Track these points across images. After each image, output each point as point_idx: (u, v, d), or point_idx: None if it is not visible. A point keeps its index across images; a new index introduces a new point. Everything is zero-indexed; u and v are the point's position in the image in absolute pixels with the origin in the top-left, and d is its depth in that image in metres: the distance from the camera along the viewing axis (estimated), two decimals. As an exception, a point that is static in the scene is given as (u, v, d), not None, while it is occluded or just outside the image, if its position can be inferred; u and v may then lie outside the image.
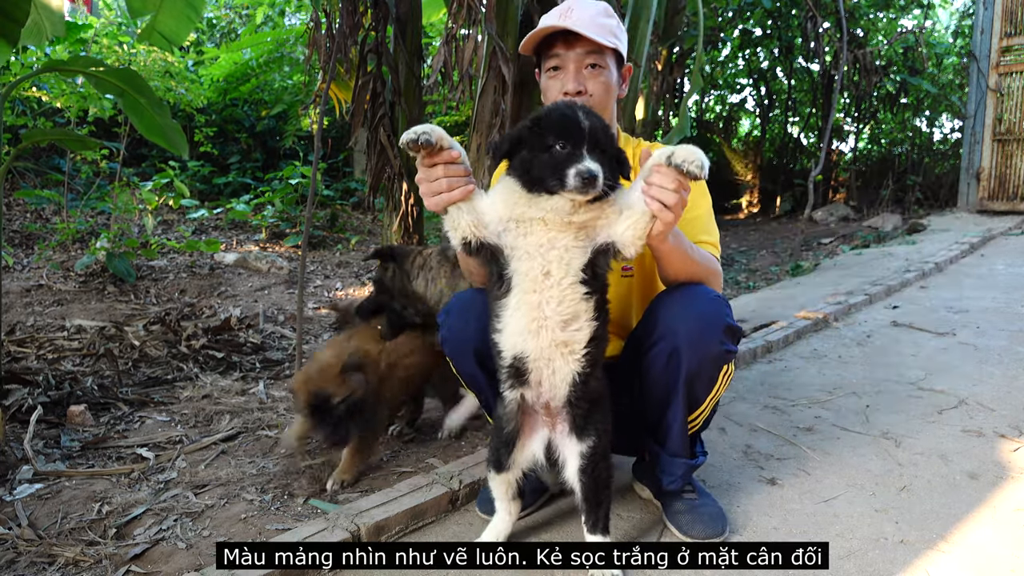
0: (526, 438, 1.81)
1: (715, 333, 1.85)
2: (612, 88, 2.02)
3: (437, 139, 1.61)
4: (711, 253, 1.99)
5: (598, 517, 1.79)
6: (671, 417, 1.96)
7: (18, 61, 5.91)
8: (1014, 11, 9.51)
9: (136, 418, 2.89)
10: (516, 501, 1.92)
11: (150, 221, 6.37)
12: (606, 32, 1.96)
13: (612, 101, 2.05)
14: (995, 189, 9.84)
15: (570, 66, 1.98)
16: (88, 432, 2.73)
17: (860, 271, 6.38)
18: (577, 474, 1.76)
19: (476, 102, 3.17)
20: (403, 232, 3.48)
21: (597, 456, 1.76)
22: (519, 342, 1.66)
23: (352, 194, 9.14)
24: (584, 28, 1.92)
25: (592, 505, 1.78)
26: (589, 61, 1.97)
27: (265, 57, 9.13)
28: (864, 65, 9.71)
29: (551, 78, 2.02)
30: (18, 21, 2.42)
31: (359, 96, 3.36)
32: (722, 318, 1.86)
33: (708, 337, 1.85)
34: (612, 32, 1.99)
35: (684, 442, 1.99)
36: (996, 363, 3.65)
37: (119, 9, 9.16)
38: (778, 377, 3.53)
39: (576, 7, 1.97)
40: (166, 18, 3.22)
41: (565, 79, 1.98)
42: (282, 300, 5.15)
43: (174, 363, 3.57)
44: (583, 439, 1.75)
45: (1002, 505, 2.19)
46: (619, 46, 2.00)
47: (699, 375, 1.90)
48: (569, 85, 1.96)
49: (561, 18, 1.95)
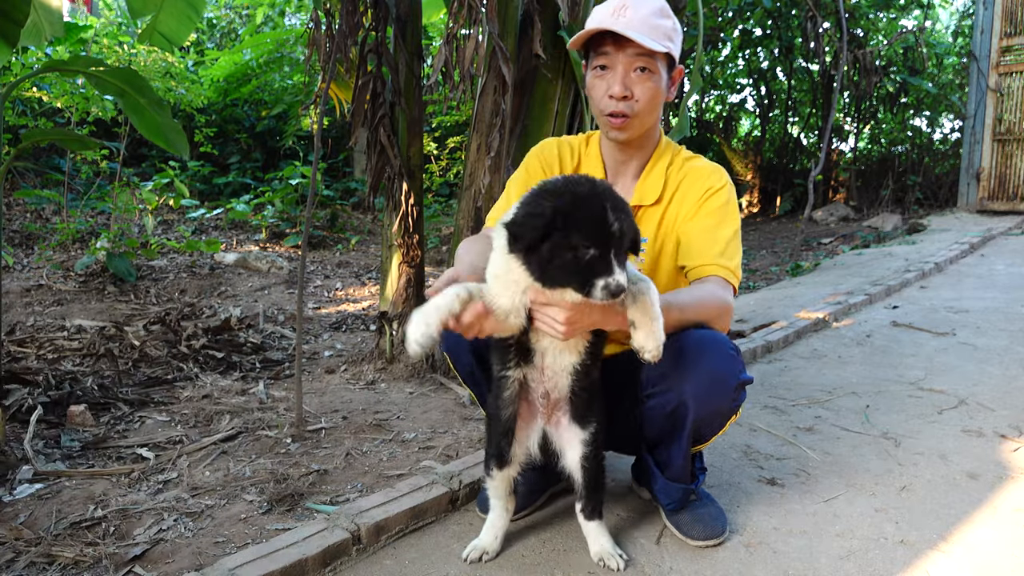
0: (523, 429, 1.83)
1: (726, 392, 1.83)
2: (660, 93, 1.93)
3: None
4: (725, 280, 1.89)
5: (596, 502, 1.86)
6: (673, 453, 1.94)
7: (18, 61, 5.91)
8: (1014, 11, 9.51)
9: (136, 418, 2.90)
10: (512, 497, 1.94)
11: (150, 221, 6.38)
12: (659, 34, 1.87)
13: (659, 106, 1.97)
14: (995, 189, 9.83)
15: (618, 68, 1.89)
16: (88, 432, 2.73)
17: (860, 271, 6.38)
18: (580, 461, 1.80)
19: (476, 102, 3.17)
20: (403, 232, 3.48)
21: (598, 442, 1.79)
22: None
23: (352, 194, 9.15)
24: (635, 31, 1.82)
25: (592, 491, 1.84)
26: (638, 64, 1.87)
27: (265, 57, 9.13)
28: (864, 65, 9.70)
29: (597, 77, 1.93)
30: (18, 22, 2.42)
31: (359, 96, 3.35)
32: (735, 376, 1.82)
33: (718, 397, 1.83)
34: (666, 34, 1.89)
35: (685, 471, 1.98)
36: (996, 363, 3.65)
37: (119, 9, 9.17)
38: (778, 377, 3.53)
39: (631, 5, 1.87)
40: (167, 18, 3.21)
41: (612, 81, 1.89)
42: (282, 300, 5.15)
43: (174, 363, 3.57)
44: (585, 427, 1.78)
45: (1002, 505, 2.19)
46: (672, 49, 1.90)
47: (706, 424, 1.90)
48: (615, 88, 1.88)
49: (614, 16, 1.86)
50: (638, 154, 2.05)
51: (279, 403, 3.07)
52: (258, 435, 2.71)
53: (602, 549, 1.86)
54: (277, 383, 3.39)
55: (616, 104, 1.89)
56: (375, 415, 2.92)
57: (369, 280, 6.02)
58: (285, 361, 3.75)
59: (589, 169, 2.09)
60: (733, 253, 1.94)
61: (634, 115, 1.90)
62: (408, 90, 3.45)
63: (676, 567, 1.88)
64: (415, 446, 2.64)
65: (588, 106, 3.36)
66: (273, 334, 4.28)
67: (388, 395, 3.18)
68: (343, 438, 2.69)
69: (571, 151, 2.14)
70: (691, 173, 2.02)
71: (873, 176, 11.74)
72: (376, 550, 1.95)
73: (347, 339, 4.24)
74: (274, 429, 2.76)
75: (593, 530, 1.88)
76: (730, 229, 1.96)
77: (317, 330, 4.45)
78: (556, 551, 1.95)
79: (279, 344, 4.10)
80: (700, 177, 2.00)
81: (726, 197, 1.98)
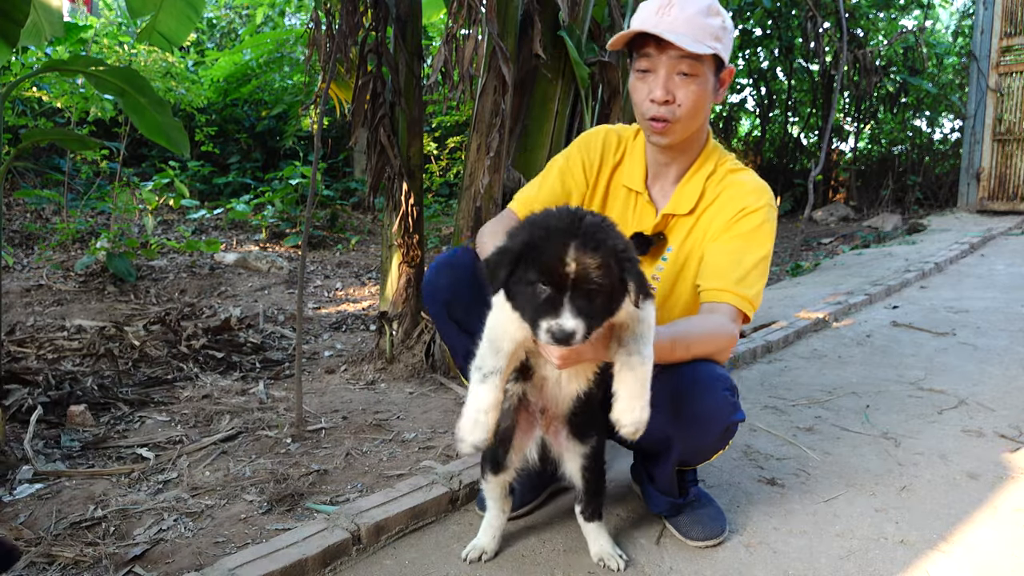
0: (521, 438, 1.82)
1: (712, 434, 1.82)
2: (706, 96, 1.84)
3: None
4: (736, 311, 1.82)
5: (597, 505, 1.86)
6: (659, 471, 1.94)
7: (18, 61, 5.91)
8: (1014, 11, 9.51)
9: (136, 418, 2.89)
10: (508, 499, 1.95)
11: (150, 221, 6.38)
12: (706, 35, 1.77)
13: (704, 110, 1.88)
14: (995, 189, 9.83)
15: (660, 71, 1.80)
16: (88, 432, 2.73)
17: (860, 271, 6.38)
18: (580, 471, 1.80)
19: (476, 102, 3.17)
20: (403, 232, 3.48)
21: (599, 453, 1.79)
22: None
23: (352, 194, 9.14)
24: (679, 32, 1.73)
25: (592, 495, 1.84)
26: (682, 68, 1.79)
27: (265, 57, 9.13)
28: (864, 65, 9.70)
29: (639, 79, 1.85)
30: (18, 22, 2.42)
31: (359, 96, 3.35)
32: (724, 419, 1.79)
33: (704, 437, 1.83)
34: (714, 34, 1.79)
35: (672, 486, 1.97)
36: (996, 363, 3.65)
37: (119, 9, 9.17)
38: (778, 377, 3.53)
39: (677, 3, 1.77)
40: (166, 18, 3.21)
41: (653, 84, 1.81)
42: (282, 300, 5.15)
43: (174, 363, 3.57)
44: (585, 441, 1.77)
45: (1002, 505, 2.19)
46: (719, 51, 1.80)
47: (692, 456, 1.92)
48: (656, 92, 1.81)
49: (658, 14, 1.77)
50: (681, 158, 1.98)
51: (279, 403, 3.07)
52: (258, 435, 2.71)
53: (602, 550, 1.86)
54: (277, 383, 3.39)
55: (657, 108, 1.82)
56: (375, 415, 2.92)
57: (369, 280, 6.02)
58: (285, 361, 3.75)
59: (631, 166, 2.04)
60: (754, 281, 1.85)
61: (676, 120, 1.83)
62: (408, 90, 3.45)
63: (676, 567, 1.88)
64: (415, 446, 2.64)
65: (588, 105, 3.36)
66: (273, 334, 4.28)
67: (388, 395, 3.18)
68: (343, 438, 2.69)
69: (618, 142, 2.07)
70: (730, 188, 1.93)
71: (873, 176, 11.74)
72: (376, 550, 1.95)
73: (347, 339, 4.24)
74: (274, 429, 2.76)
75: (593, 531, 1.88)
76: (757, 255, 1.87)
77: (317, 330, 4.45)
78: (556, 551, 1.96)
79: (279, 344, 4.10)
80: (738, 195, 1.91)
81: (760, 219, 1.89)
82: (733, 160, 2.02)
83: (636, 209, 2.03)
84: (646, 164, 2.04)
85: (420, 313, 3.55)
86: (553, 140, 3.27)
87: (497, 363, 1.52)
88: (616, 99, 3.44)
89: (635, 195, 2.03)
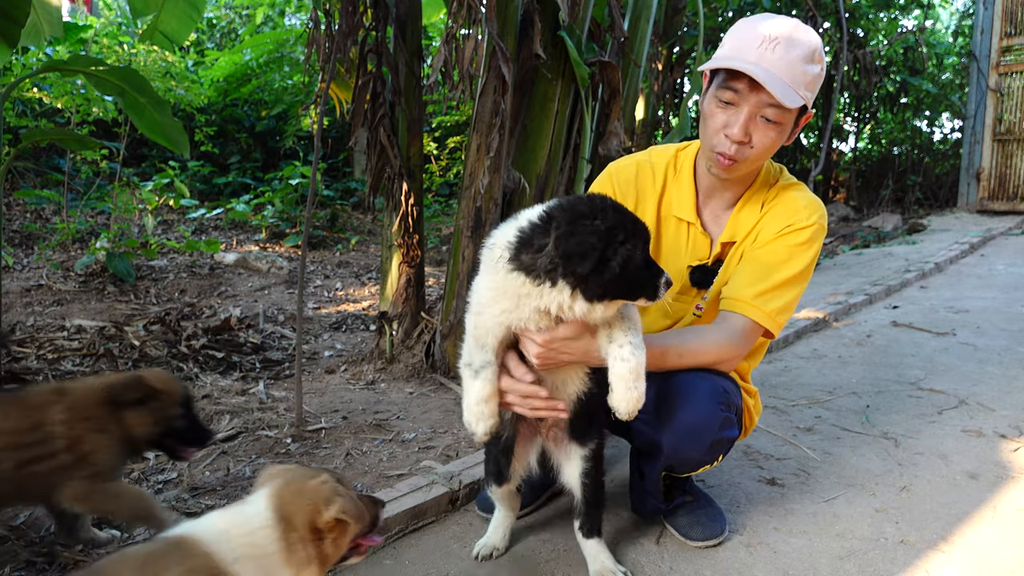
0: (522, 447, 1.81)
1: (699, 445, 1.80)
2: (779, 142, 1.78)
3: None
4: (754, 324, 1.80)
5: (595, 520, 1.82)
6: (649, 469, 1.92)
7: (18, 61, 5.91)
8: (1014, 11, 9.52)
9: (136, 418, 2.89)
10: (517, 498, 1.96)
11: (150, 221, 6.38)
12: (800, 84, 1.69)
13: (772, 153, 1.82)
14: (995, 189, 9.84)
15: (744, 108, 1.71)
16: (88, 432, 2.72)
17: (860, 271, 6.38)
18: (579, 477, 1.77)
19: (476, 102, 3.17)
20: (403, 232, 3.48)
21: (598, 458, 1.78)
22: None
23: (352, 194, 9.14)
24: (777, 78, 1.66)
25: (591, 507, 1.80)
26: (767, 113, 1.71)
27: (265, 58, 9.12)
28: (864, 65, 9.70)
29: (719, 108, 1.75)
30: (18, 22, 2.42)
31: (359, 96, 3.35)
32: (713, 430, 1.77)
33: (691, 449, 1.81)
34: (807, 84, 1.71)
35: (658, 488, 1.96)
36: (996, 363, 3.65)
37: (119, 9, 9.18)
38: (778, 377, 3.53)
39: (784, 42, 1.67)
40: (168, 18, 3.21)
41: (733, 120, 1.73)
42: (282, 300, 5.15)
43: (174, 363, 3.57)
44: (585, 443, 1.76)
45: (1002, 505, 2.19)
46: (808, 100, 1.73)
47: (679, 465, 1.90)
48: (735, 131, 1.72)
49: (760, 48, 1.68)
50: (737, 186, 1.93)
51: (279, 403, 3.07)
52: (258, 435, 2.71)
53: (603, 567, 1.80)
54: (277, 383, 3.39)
55: (729, 146, 1.75)
56: (375, 415, 2.92)
57: (369, 280, 6.02)
58: (285, 361, 3.75)
59: (679, 194, 1.97)
60: (781, 295, 1.82)
61: (744, 160, 1.77)
62: (408, 90, 3.45)
63: (676, 567, 1.88)
64: (415, 446, 2.64)
65: (588, 105, 3.36)
66: (273, 334, 4.28)
67: (388, 395, 3.18)
68: (343, 438, 2.69)
69: (652, 176, 2.00)
70: (783, 202, 1.89)
71: (873, 176, 11.75)
72: (376, 550, 1.95)
73: (347, 339, 4.24)
74: (274, 429, 2.76)
75: (592, 548, 1.83)
76: (791, 270, 1.82)
77: (317, 330, 4.45)
78: (556, 551, 1.96)
79: (279, 344, 4.10)
80: (788, 209, 1.87)
81: (806, 237, 1.84)
82: (787, 175, 1.98)
83: (690, 239, 1.97)
84: (696, 189, 1.97)
85: (420, 313, 3.55)
86: (553, 140, 3.27)
87: (485, 357, 1.57)
88: (616, 99, 3.43)
89: (687, 225, 1.96)
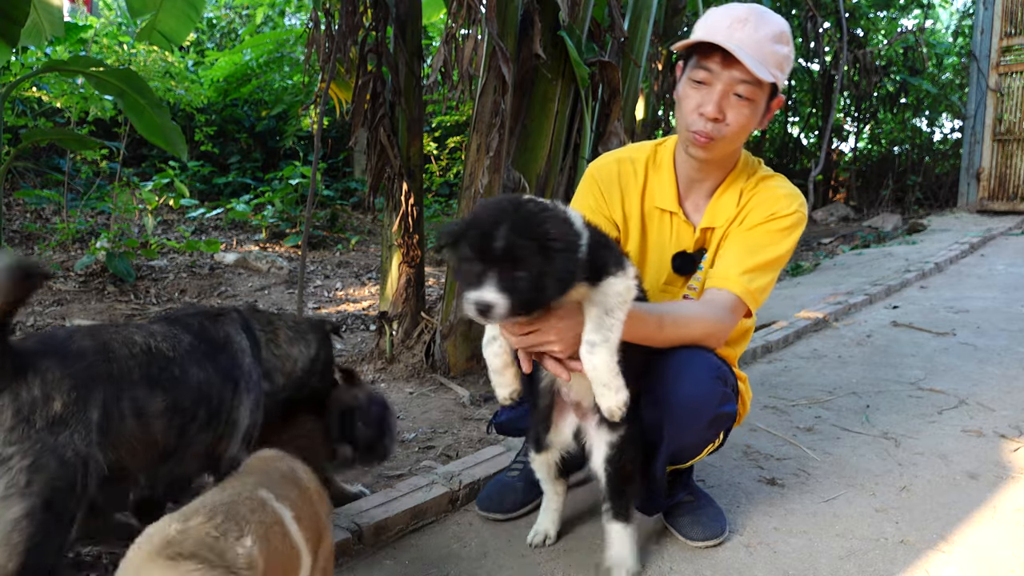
0: (559, 419, 1.85)
1: (699, 423, 1.80)
2: (754, 121, 1.83)
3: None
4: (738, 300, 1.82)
5: (620, 506, 1.81)
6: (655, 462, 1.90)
7: (18, 61, 5.91)
8: (1014, 11, 9.52)
9: (136, 418, 2.89)
10: (560, 480, 1.97)
11: (150, 221, 6.37)
12: (772, 63, 1.75)
13: (748, 133, 1.86)
14: (995, 189, 9.84)
15: (717, 86, 1.76)
16: (88, 432, 2.72)
17: (860, 271, 6.39)
18: (603, 463, 1.77)
19: (476, 102, 3.17)
20: (403, 232, 3.48)
21: (625, 445, 1.76)
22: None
23: (352, 194, 9.13)
24: (748, 53, 1.70)
25: (615, 495, 1.80)
26: (740, 90, 1.75)
27: (265, 58, 9.12)
28: (864, 65, 9.70)
29: (693, 88, 1.80)
30: (18, 22, 2.42)
31: (359, 96, 3.35)
32: (711, 407, 1.78)
33: (691, 427, 1.81)
34: (779, 63, 1.77)
35: (663, 486, 1.94)
36: (996, 363, 3.65)
37: (119, 9, 9.17)
38: (778, 377, 3.53)
39: (753, 21, 1.74)
40: (166, 17, 3.22)
41: (706, 98, 1.77)
42: (282, 300, 5.15)
43: (174, 363, 3.57)
44: (614, 430, 1.75)
45: (1002, 505, 2.19)
46: (779, 80, 1.78)
47: (679, 451, 1.88)
48: (708, 108, 1.76)
49: (730, 28, 1.73)
50: (715, 172, 1.97)
51: (279, 403, 3.07)
52: (258, 435, 2.71)
53: (616, 556, 1.80)
54: (277, 383, 3.39)
55: (704, 124, 1.78)
56: (375, 415, 2.92)
57: (369, 280, 6.02)
58: (285, 361, 3.74)
59: (660, 186, 2.01)
60: (762, 275, 1.86)
61: (720, 138, 1.81)
62: (408, 90, 3.45)
63: (676, 567, 1.88)
64: (415, 446, 2.64)
65: (588, 105, 3.36)
66: (273, 334, 4.28)
67: (388, 395, 3.18)
68: (343, 438, 2.69)
69: (634, 171, 2.03)
70: (762, 193, 1.93)
71: (873, 176, 11.75)
72: (376, 550, 1.95)
73: (347, 339, 4.24)
74: (274, 429, 2.75)
75: (615, 532, 1.81)
76: (772, 253, 1.87)
77: (317, 330, 4.45)
78: (558, 550, 1.96)
79: (279, 344, 4.09)
80: (769, 199, 1.92)
81: (787, 224, 1.90)
82: (764, 168, 2.01)
83: (674, 229, 2.01)
84: (677, 179, 2.00)
85: (420, 313, 3.55)
86: (553, 140, 3.27)
87: (491, 332, 1.64)
88: (616, 99, 3.44)
89: (670, 216, 2.00)
